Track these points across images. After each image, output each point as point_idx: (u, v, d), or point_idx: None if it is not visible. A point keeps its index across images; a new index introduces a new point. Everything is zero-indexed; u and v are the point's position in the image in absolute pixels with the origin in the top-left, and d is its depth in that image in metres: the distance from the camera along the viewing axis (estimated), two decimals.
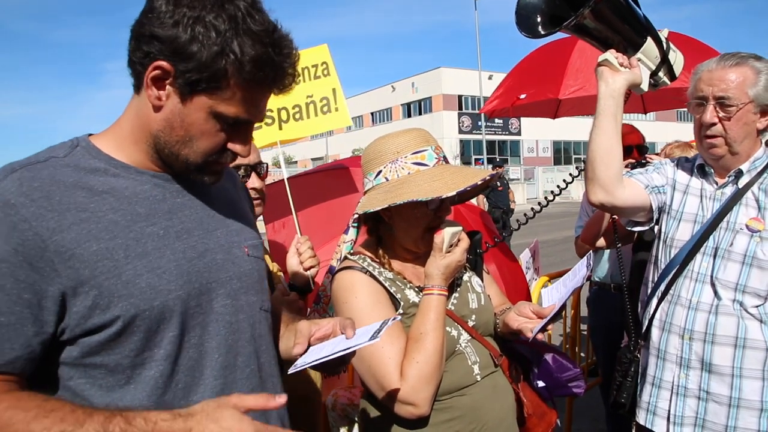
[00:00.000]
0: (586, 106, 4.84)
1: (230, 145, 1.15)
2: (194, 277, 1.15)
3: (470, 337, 1.66)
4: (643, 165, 2.52)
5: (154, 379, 1.10)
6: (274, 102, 2.80)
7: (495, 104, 4.57)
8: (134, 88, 1.14)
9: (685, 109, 2.03)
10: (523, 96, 4.19)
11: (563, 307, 1.66)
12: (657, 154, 3.29)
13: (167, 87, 1.08)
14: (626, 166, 2.42)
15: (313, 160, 49.03)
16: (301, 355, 1.26)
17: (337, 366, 1.28)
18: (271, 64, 1.08)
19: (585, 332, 4.31)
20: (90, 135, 1.19)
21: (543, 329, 1.61)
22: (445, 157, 1.65)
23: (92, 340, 1.05)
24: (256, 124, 1.33)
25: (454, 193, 1.50)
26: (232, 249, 1.24)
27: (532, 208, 2.56)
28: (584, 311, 3.90)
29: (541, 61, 4.33)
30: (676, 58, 1.94)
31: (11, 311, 0.99)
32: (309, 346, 1.28)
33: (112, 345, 1.06)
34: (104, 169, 1.13)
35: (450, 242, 1.58)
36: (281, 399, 1.01)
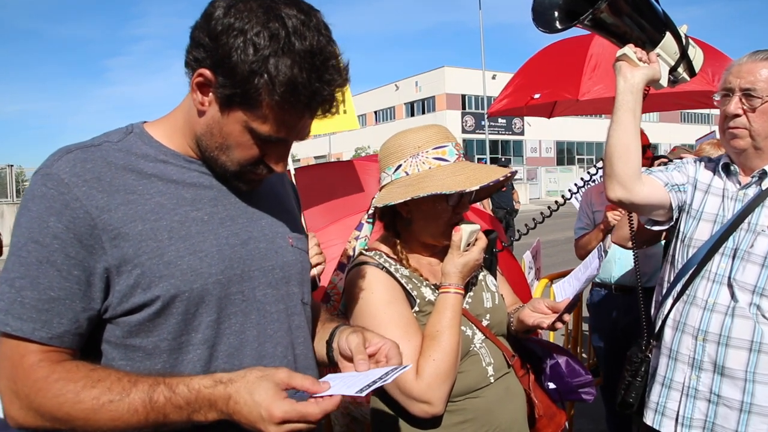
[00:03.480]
0: (583, 106, 4.77)
1: (266, 159, 1.15)
2: (236, 263, 1.16)
3: (484, 337, 1.65)
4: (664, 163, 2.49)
5: (192, 363, 1.11)
6: None
7: (504, 104, 4.39)
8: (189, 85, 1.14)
9: (689, 111, 2.01)
10: (537, 96, 4.01)
11: (578, 297, 1.65)
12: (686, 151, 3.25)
13: (210, 94, 1.08)
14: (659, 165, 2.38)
15: (315, 158, 49.01)
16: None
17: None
18: (306, 89, 1.03)
19: (587, 332, 4.30)
20: (145, 122, 1.22)
21: (560, 320, 1.61)
22: (464, 154, 1.64)
23: (132, 320, 1.08)
24: None
25: (477, 187, 1.49)
26: (276, 239, 1.25)
27: (549, 207, 2.54)
28: (586, 312, 3.89)
29: (554, 59, 4.16)
30: (696, 54, 1.91)
31: (61, 287, 1.03)
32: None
33: (150, 326, 1.08)
34: (154, 155, 1.15)
35: (468, 241, 1.57)
36: (335, 398, 1.00)
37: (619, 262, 3.42)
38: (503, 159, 29.72)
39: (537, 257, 4.82)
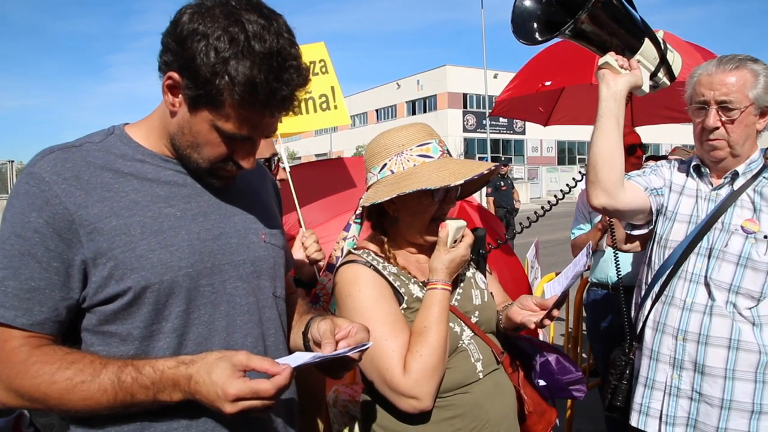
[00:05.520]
0: (579, 115, 4.75)
1: (235, 156, 1.21)
2: (206, 257, 1.22)
3: (473, 334, 1.66)
4: None
5: (162, 351, 1.17)
6: None
7: (510, 93, 4.29)
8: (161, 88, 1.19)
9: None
10: (548, 83, 3.96)
11: (566, 294, 1.67)
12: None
13: (179, 95, 1.14)
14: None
15: (317, 155, 49.00)
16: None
17: (339, 370, 1.29)
18: (265, 89, 1.09)
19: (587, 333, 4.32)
20: (126, 124, 1.28)
21: (548, 317, 1.63)
22: (448, 150, 1.66)
23: (107, 309, 1.15)
24: None
25: (462, 181, 1.51)
26: (249, 235, 1.31)
27: (538, 211, 2.56)
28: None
29: (563, 52, 4.06)
30: (674, 59, 1.95)
31: (41, 277, 1.10)
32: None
33: (124, 315, 1.15)
34: (132, 155, 1.22)
35: (454, 237, 1.58)
36: (285, 372, 1.05)
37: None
38: (503, 158, 29.69)
39: (537, 256, 4.85)
